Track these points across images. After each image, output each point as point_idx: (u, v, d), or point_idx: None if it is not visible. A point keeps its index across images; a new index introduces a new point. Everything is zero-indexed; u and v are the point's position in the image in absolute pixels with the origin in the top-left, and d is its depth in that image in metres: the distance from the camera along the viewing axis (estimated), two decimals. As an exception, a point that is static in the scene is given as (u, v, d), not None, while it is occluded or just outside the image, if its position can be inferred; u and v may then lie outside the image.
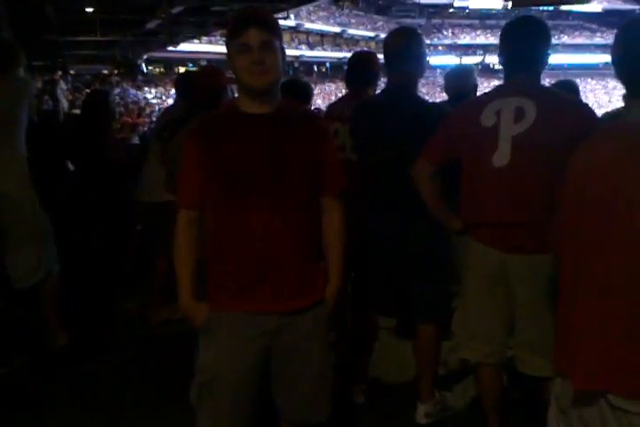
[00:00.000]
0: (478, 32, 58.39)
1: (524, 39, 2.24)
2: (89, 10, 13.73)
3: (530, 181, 2.16)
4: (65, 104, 6.56)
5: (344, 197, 1.99)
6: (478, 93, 3.54)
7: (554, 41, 3.14)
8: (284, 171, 1.80)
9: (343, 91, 3.53)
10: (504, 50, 2.31)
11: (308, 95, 3.49)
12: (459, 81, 3.44)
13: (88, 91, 17.36)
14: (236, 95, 1.88)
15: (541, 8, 39.75)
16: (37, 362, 3.17)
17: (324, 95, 35.45)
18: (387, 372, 3.18)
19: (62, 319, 3.24)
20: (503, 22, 2.77)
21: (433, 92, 39.81)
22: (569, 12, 55.49)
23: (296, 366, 1.93)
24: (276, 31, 1.79)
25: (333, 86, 42.99)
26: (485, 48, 53.10)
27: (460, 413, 2.84)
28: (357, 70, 3.36)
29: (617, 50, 1.53)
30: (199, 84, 3.26)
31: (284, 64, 1.82)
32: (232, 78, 1.98)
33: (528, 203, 2.18)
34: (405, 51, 2.60)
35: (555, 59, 2.84)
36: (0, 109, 2.93)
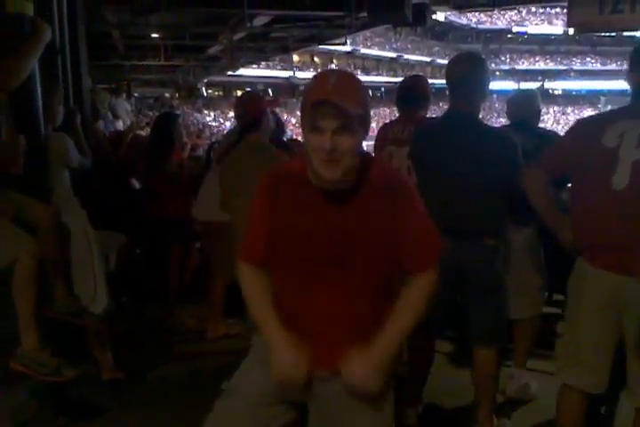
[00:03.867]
0: (537, 57, 57.82)
1: None
2: (154, 35, 14.23)
3: None
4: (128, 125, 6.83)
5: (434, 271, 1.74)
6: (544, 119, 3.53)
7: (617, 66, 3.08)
8: (349, 255, 1.59)
9: (397, 115, 3.59)
10: (633, 73, 2.29)
11: None
12: (522, 106, 3.41)
13: (150, 113, 17.95)
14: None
15: (603, 33, 39.10)
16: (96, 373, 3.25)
17: (379, 119, 35.57)
18: (442, 397, 3.15)
19: (111, 359, 3.29)
20: (563, 48, 2.77)
21: (489, 117, 39.49)
22: (632, 38, 54.42)
23: None
24: (359, 107, 1.50)
25: (388, 111, 43.14)
26: (544, 74, 52.55)
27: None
28: (409, 94, 3.45)
29: None
30: (235, 113, 3.41)
31: (364, 135, 1.56)
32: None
33: None
34: (469, 77, 2.62)
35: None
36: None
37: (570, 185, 2.43)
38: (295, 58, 38.46)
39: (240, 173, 2.94)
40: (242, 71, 29.02)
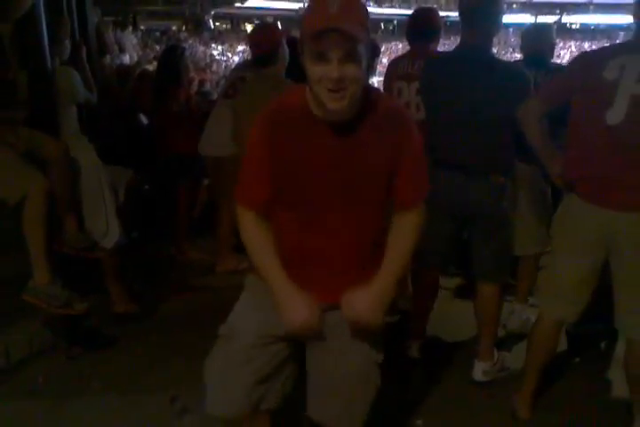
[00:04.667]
0: (556, -11, 55.59)
1: None
2: (160, -35, 13.78)
3: None
4: (135, 59, 6.70)
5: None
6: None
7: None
8: (353, 185, 1.58)
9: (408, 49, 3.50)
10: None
11: (375, 54, 3.48)
12: (536, 40, 3.32)
13: (157, 46, 17.58)
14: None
15: (626, -37, 37.47)
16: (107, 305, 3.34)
17: (390, 54, 34.65)
18: (445, 330, 3.23)
19: (124, 292, 3.36)
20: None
21: (504, 53, 38.39)
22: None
23: (331, 357, 1.73)
24: (364, 32, 1.42)
25: (400, 45, 41.96)
26: (563, 7, 50.61)
27: (516, 374, 2.86)
28: (419, 27, 3.35)
29: None
30: (251, 42, 3.28)
31: (368, 59, 1.48)
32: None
33: (637, 162, 2.11)
34: (481, 8, 2.54)
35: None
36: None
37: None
38: (305, -11, 37.25)
39: (255, 107, 2.90)
40: (250, 3, 28.22)
